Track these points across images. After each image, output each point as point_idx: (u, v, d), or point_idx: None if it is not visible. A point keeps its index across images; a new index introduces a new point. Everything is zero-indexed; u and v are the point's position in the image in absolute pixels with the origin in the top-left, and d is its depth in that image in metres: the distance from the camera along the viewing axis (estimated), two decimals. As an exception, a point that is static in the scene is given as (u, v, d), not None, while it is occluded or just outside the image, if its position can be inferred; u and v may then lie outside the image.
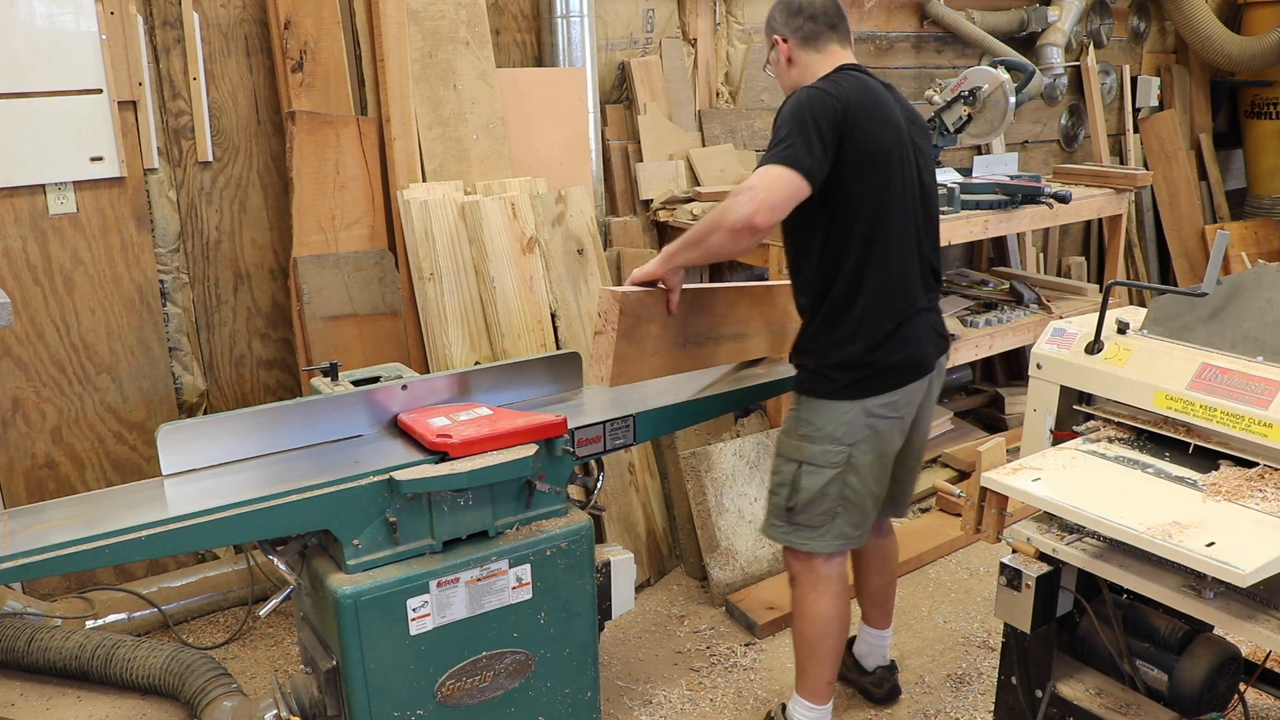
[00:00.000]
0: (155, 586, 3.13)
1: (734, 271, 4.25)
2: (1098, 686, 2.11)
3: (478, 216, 3.15)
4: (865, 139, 2.17)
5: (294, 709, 2.19)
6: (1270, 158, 5.90)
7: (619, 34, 3.89)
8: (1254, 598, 1.75)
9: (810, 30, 2.33)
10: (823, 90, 2.17)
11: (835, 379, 2.28)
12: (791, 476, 2.35)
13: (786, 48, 2.36)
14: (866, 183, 2.20)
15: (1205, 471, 1.91)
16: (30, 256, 2.96)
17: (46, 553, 1.79)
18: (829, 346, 2.29)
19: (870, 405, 2.28)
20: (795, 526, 2.37)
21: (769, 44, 2.40)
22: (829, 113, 2.13)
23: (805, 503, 2.33)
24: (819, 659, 2.43)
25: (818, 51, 2.34)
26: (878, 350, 2.26)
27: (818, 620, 2.41)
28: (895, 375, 2.30)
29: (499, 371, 2.48)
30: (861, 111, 2.17)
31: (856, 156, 2.16)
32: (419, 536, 2.14)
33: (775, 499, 2.41)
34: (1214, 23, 5.44)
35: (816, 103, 2.14)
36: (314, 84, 3.17)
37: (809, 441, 2.32)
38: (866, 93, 2.23)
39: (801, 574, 2.42)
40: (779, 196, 2.08)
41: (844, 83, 2.22)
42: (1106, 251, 4.63)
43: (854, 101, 2.17)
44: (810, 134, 2.10)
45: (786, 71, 2.38)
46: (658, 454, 3.52)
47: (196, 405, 3.34)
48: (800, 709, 2.49)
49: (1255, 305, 2.01)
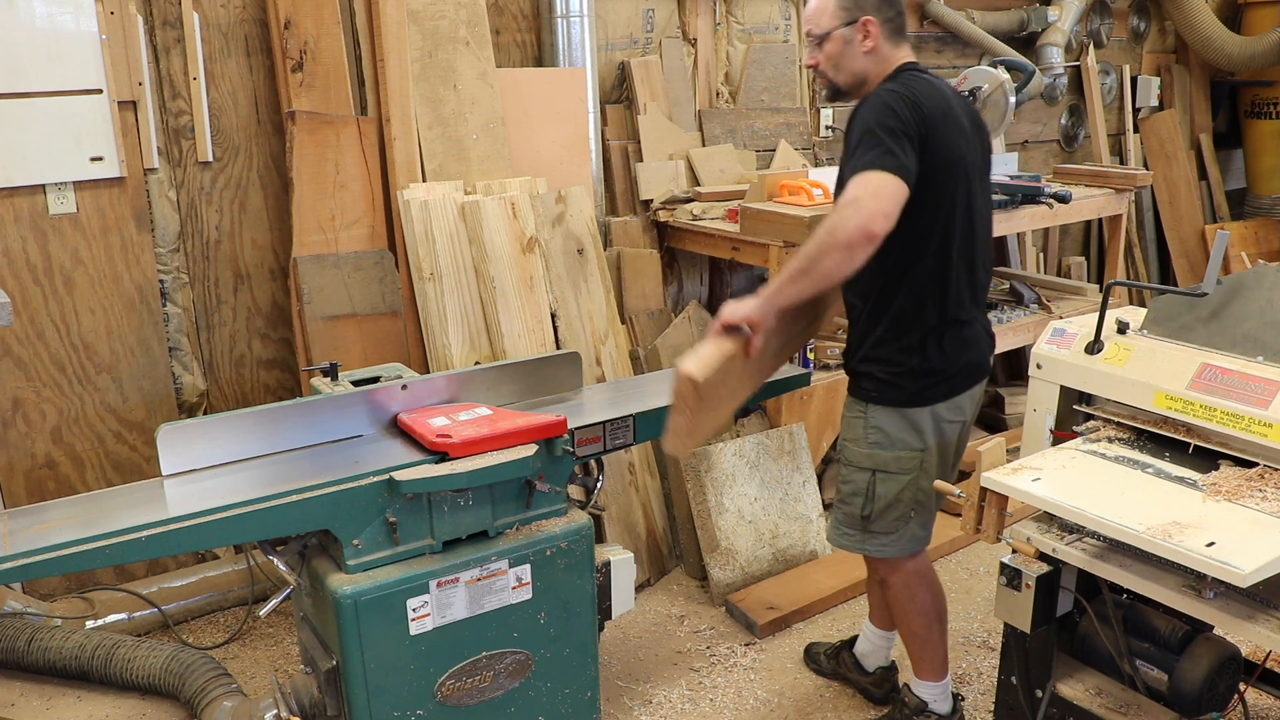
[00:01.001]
0: (155, 586, 3.13)
1: (734, 273, 4.25)
2: (1098, 686, 2.11)
3: (478, 216, 3.15)
4: (942, 145, 2.13)
5: (294, 709, 2.19)
6: (1270, 158, 5.90)
7: (619, 34, 3.89)
8: (1254, 598, 1.75)
9: (898, 24, 2.26)
10: (901, 94, 2.11)
11: (905, 386, 2.28)
12: (866, 485, 2.35)
13: (876, 32, 2.22)
14: (940, 190, 2.16)
15: (1205, 471, 1.91)
16: (30, 256, 2.96)
17: (46, 553, 1.79)
18: (897, 354, 2.27)
19: (939, 410, 2.30)
20: (870, 534, 2.39)
21: (846, 22, 2.22)
22: (912, 118, 2.08)
23: (881, 510, 2.35)
24: (931, 645, 2.51)
25: (895, 47, 2.27)
26: (945, 356, 2.27)
27: (921, 614, 2.48)
28: (962, 379, 2.32)
29: (499, 371, 2.48)
30: (938, 117, 2.13)
31: (933, 163, 2.12)
32: (419, 536, 2.14)
33: (848, 509, 2.40)
34: (1214, 23, 5.44)
35: (899, 106, 2.08)
36: (314, 84, 3.17)
37: (881, 449, 2.32)
38: (939, 97, 2.18)
39: (890, 575, 2.47)
40: (888, 203, 2.00)
41: (917, 85, 2.16)
42: (1106, 251, 4.63)
43: (931, 107, 2.12)
44: (900, 138, 2.05)
45: (859, 58, 2.24)
46: (658, 454, 3.52)
47: (196, 405, 3.34)
48: (925, 690, 2.56)
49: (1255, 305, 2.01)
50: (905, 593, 2.47)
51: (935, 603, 2.50)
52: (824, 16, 2.25)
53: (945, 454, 2.37)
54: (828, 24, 2.25)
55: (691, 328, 3.70)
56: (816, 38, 2.28)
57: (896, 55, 2.27)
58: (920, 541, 2.42)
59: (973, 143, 2.26)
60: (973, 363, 2.34)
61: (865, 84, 2.28)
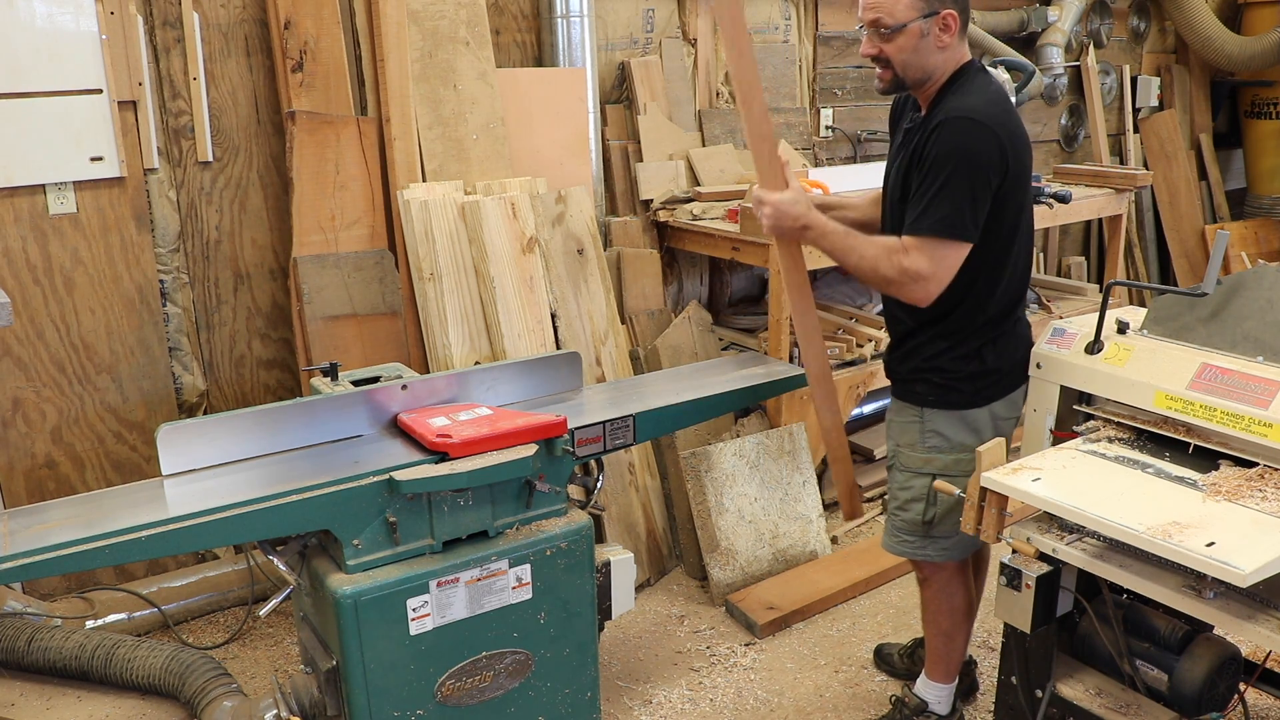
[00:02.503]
0: (155, 586, 3.13)
1: (734, 273, 4.25)
2: (1098, 686, 2.11)
3: (478, 216, 3.15)
4: (1017, 174, 2.10)
5: (294, 709, 2.19)
6: (1270, 158, 5.90)
7: (619, 34, 3.89)
8: (1254, 598, 1.75)
9: (968, 17, 2.18)
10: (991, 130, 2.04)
11: (964, 389, 2.26)
12: (926, 490, 2.32)
13: (956, 26, 2.11)
14: (1005, 211, 2.13)
15: (1205, 471, 1.91)
16: (30, 256, 2.96)
17: (46, 553, 1.79)
18: (954, 362, 2.25)
19: (996, 408, 2.29)
20: (931, 539, 2.37)
21: (925, 14, 2.08)
22: (993, 166, 2.05)
23: (944, 514, 2.33)
24: (954, 647, 2.53)
25: (962, 42, 2.17)
26: (1000, 356, 2.26)
27: (953, 615, 2.49)
28: (1015, 376, 2.31)
29: (499, 371, 2.48)
30: (1015, 143, 2.09)
31: (1009, 192, 2.10)
32: (419, 536, 2.14)
33: (907, 515, 2.38)
34: (1214, 23, 5.44)
35: (986, 154, 2.03)
36: (314, 84, 3.17)
37: (940, 453, 2.30)
38: (1011, 113, 2.13)
39: (933, 576, 2.47)
40: (948, 273, 2.09)
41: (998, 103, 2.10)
42: (1106, 251, 4.63)
43: (1009, 133, 2.07)
44: (980, 190, 2.04)
45: (933, 53, 2.12)
46: (658, 454, 3.52)
47: (196, 405, 3.34)
48: (931, 691, 2.58)
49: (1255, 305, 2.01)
50: (944, 592, 2.47)
51: (967, 605, 2.51)
52: (899, 6, 2.08)
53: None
54: (904, 15, 2.08)
55: (691, 328, 3.70)
56: (887, 29, 2.11)
57: (964, 52, 2.19)
58: (975, 545, 2.41)
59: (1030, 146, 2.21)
60: (1025, 358, 2.32)
61: (931, 81, 2.17)
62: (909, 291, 2.11)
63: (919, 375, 2.31)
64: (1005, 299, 2.23)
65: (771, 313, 3.47)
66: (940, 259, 2.07)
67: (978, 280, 2.17)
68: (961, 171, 2.03)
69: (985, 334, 2.23)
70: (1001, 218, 2.12)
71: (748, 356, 3.02)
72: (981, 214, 2.07)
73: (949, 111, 2.08)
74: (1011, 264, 2.21)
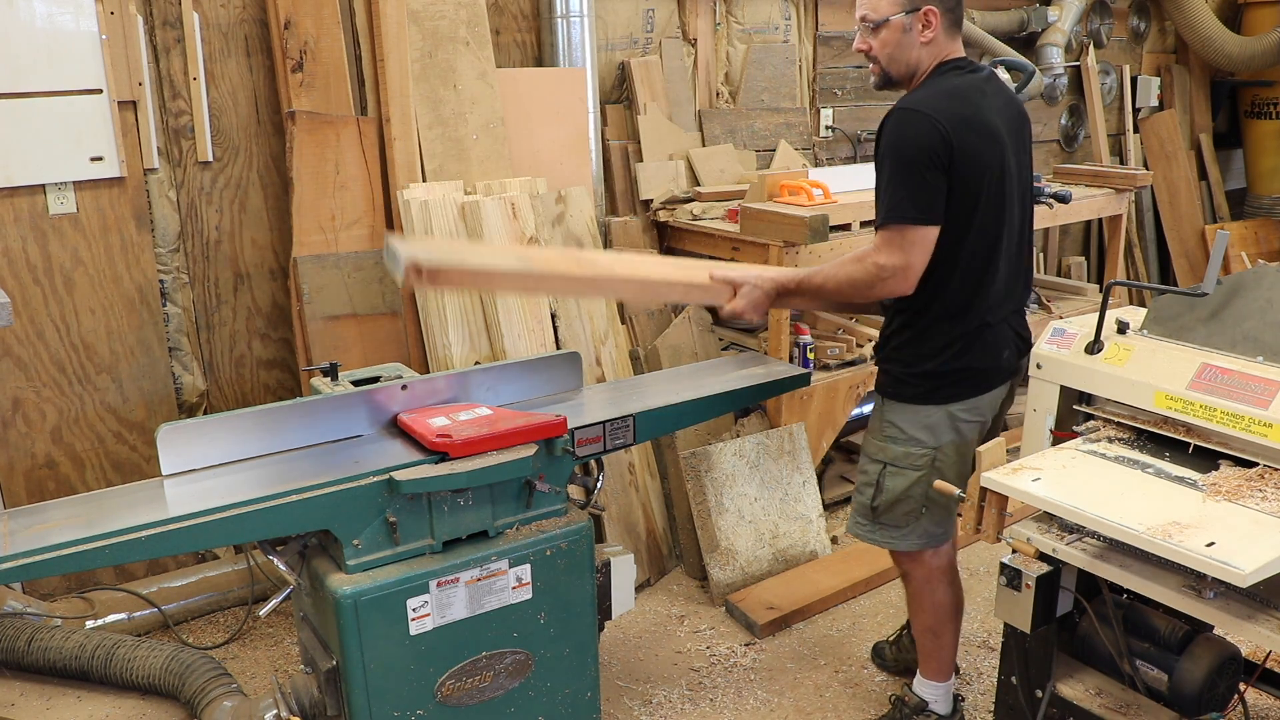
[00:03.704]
0: (155, 586, 3.13)
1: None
2: (1098, 686, 2.11)
3: (478, 216, 3.15)
4: (965, 162, 2.11)
5: (294, 709, 2.19)
6: (1270, 158, 5.90)
7: (619, 34, 3.89)
8: (1254, 598, 1.75)
9: (958, 15, 2.21)
10: (927, 116, 2.08)
11: (918, 385, 2.29)
12: (876, 477, 2.37)
13: (937, 22, 2.16)
14: (964, 204, 2.14)
15: (1205, 471, 1.91)
16: (30, 256, 2.96)
17: (46, 553, 1.79)
18: (915, 357, 2.28)
19: (954, 409, 2.30)
20: (879, 526, 2.41)
21: (907, 10, 2.15)
22: (934, 149, 2.07)
23: (889, 503, 2.36)
24: (941, 644, 2.52)
25: (951, 39, 2.21)
26: (962, 359, 2.26)
27: (937, 610, 2.49)
28: (979, 381, 2.30)
29: (499, 371, 2.48)
30: (963, 131, 2.09)
31: (957, 180, 2.12)
32: (419, 536, 2.14)
33: (860, 498, 2.44)
34: (1214, 23, 5.44)
35: (922, 138, 2.07)
36: (314, 84, 3.17)
37: (893, 443, 2.34)
38: (968, 103, 2.14)
39: (913, 570, 2.48)
40: (920, 259, 2.12)
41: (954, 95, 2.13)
42: (1106, 251, 4.63)
43: (955, 123, 2.09)
44: (928, 173, 2.08)
45: (915, 48, 2.18)
46: (658, 454, 3.52)
47: (196, 405, 3.34)
48: (927, 690, 2.58)
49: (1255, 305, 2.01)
50: (925, 587, 2.48)
51: (953, 602, 2.50)
52: (883, 1, 2.17)
53: (964, 453, 2.33)
54: (886, 9, 2.17)
55: (691, 328, 3.70)
56: (873, 24, 2.19)
57: (951, 48, 2.22)
58: (936, 538, 2.41)
59: (1003, 143, 2.19)
60: (994, 366, 2.31)
61: (916, 75, 2.23)
62: (890, 286, 2.14)
63: (884, 363, 2.37)
64: (982, 305, 2.23)
65: (771, 313, 3.47)
66: (908, 245, 2.10)
67: (947, 282, 2.20)
68: (903, 159, 2.09)
69: (948, 333, 2.24)
70: (960, 214, 2.14)
71: (748, 356, 3.01)
72: (936, 195, 2.09)
73: (900, 103, 2.15)
74: (966, 256, 2.19)
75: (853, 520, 2.49)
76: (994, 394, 2.35)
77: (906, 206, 2.09)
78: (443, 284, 1.90)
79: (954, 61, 2.21)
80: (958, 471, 2.34)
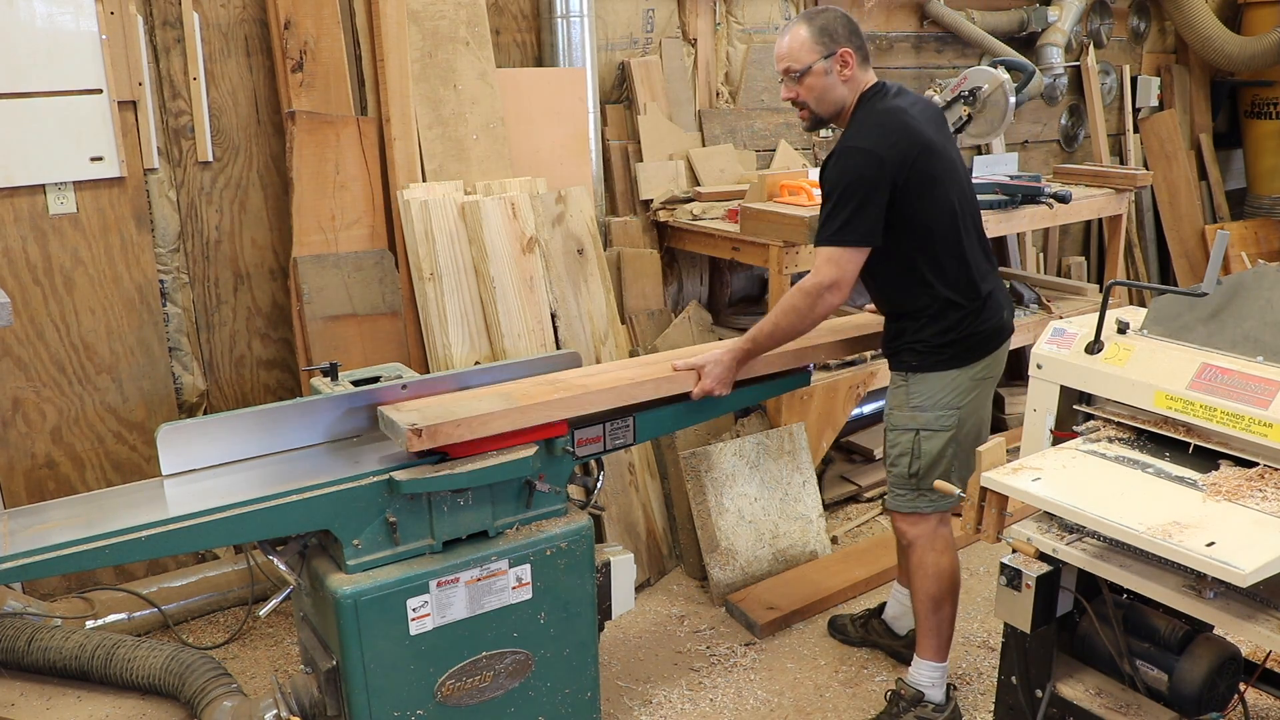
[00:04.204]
0: (155, 586, 3.13)
1: (734, 273, 4.25)
2: (1098, 686, 2.11)
3: (478, 216, 3.15)
4: (913, 172, 2.32)
5: (294, 709, 2.19)
6: (1270, 158, 5.90)
7: (619, 34, 3.89)
8: (1254, 598, 1.75)
9: (865, 50, 2.44)
10: (866, 151, 2.31)
11: (942, 353, 2.49)
12: (911, 444, 2.52)
13: (853, 61, 2.40)
14: (913, 206, 2.36)
15: (1205, 471, 1.91)
16: (30, 256, 2.96)
17: (46, 553, 1.79)
18: (935, 335, 2.48)
19: (973, 371, 2.51)
20: (920, 491, 2.54)
21: (824, 55, 2.38)
22: (877, 178, 2.29)
23: (928, 466, 2.52)
24: (942, 617, 2.60)
25: (865, 71, 2.45)
26: (976, 325, 2.49)
27: (942, 576, 2.57)
28: (990, 340, 2.53)
29: (499, 371, 2.48)
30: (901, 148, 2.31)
31: (910, 191, 2.33)
32: (419, 536, 2.14)
33: (897, 470, 2.57)
34: (1214, 23, 5.44)
35: (865, 169, 2.30)
36: (314, 84, 3.17)
37: (922, 411, 2.51)
38: (894, 120, 2.36)
39: (920, 537, 2.58)
40: (851, 275, 2.35)
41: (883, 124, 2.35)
42: (1106, 251, 4.63)
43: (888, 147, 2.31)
44: (865, 200, 2.29)
45: (838, 87, 2.41)
46: (658, 454, 3.52)
47: (196, 405, 3.34)
48: (925, 671, 2.64)
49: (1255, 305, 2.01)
50: (931, 553, 2.57)
51: (955, 571, 2.60)
52: (802, 52, 2.39)
53: (980, 414, 2.57)
54: (806, 58, 2.39)
55: (691, 328, 3.70)
56: (796, 73, 2.41)
57: (866, 78, 2.45)
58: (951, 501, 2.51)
59: (941, 147, 2.42)
60: (998, 324, 2.55)
61: (844, 111, 2.46)
62: (824, 303, 2.36)
63: (905, 346, 2.54)
64: (958, 278, 2.45)
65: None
66: (841, 264, 2.33)
67: (917, 267, 2.42)
68: (844, 191, 2.31)
69: (957, 308, 2.46)
70: (911, 212, 2.36)
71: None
72: (873, 220, 2.32)
73: (843, 142, 2.38)
74: (948, 248, 2.43)
75: (892, 495, 2.61)
76: (1001, 350, 2.58)
77: (840, 231, 2.32)
78: (442, 440, 2.10)
79: (871, 89, 2.44)
80: (977, 431, 2.57)
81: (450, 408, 2.15)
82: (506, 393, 2.27)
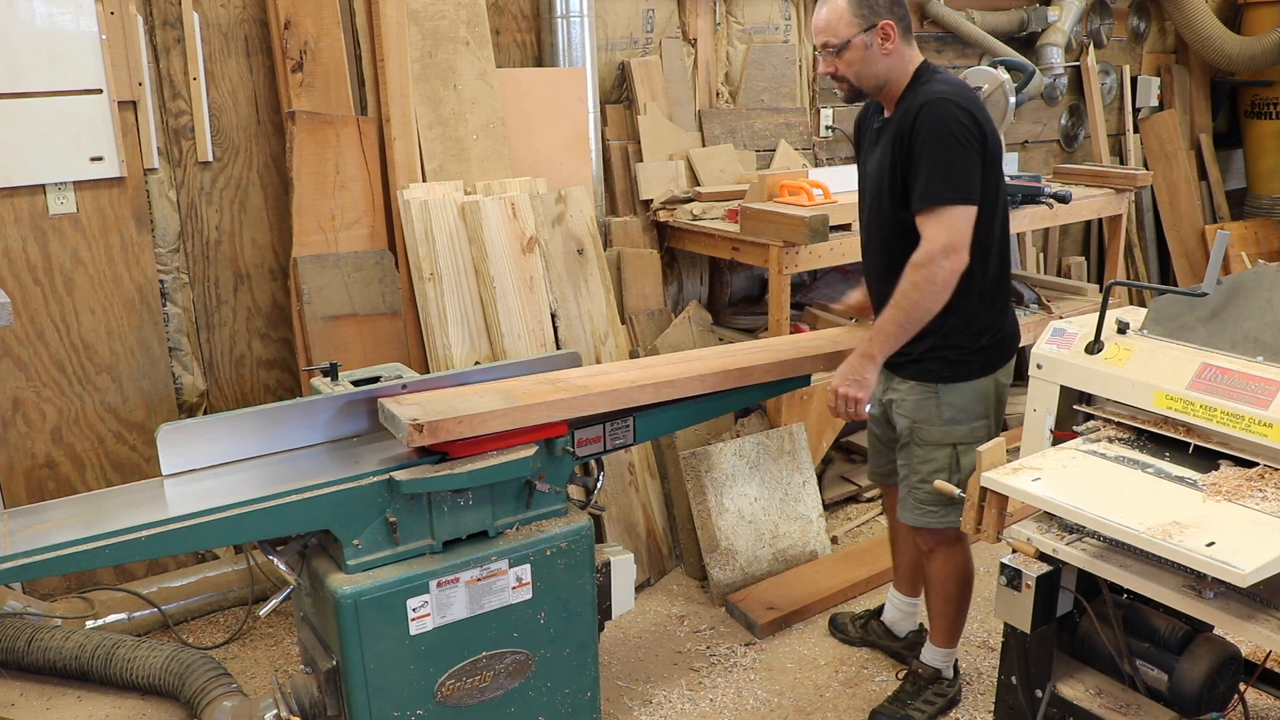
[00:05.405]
0: (155, 586, 3.13)
1: (734, 273, 4.25)
2: (1098, 686, 2.11)
3: (478, 216, 3.15)
4: (992, 148, 2.27)
5: (294, 709, 2.19)
6: (1270, 158, 5.90)
7: (619, 34, 3.89)
8: (1254, 598, 1.75)
9: (908, 22, 2.32)
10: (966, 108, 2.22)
11: (974, 360, 2.42)
12: (948, 460, 2.45)
13: (895, 34, 2.27)
14: (993, 195, 2.30)
15: (1205, 471, 1.91)
16: (30, 256, 2.96)
17: (46, 553, 1.79)
18: (969, 339, 2.40)
19: (999, 376, 2.47)
20: (954, 507, 2.44)
21: (864, 29, 2.26)
22: (973, 132, 2.21)
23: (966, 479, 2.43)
24: (960, 611, 2.66)
25: (909, 46, 2.33)
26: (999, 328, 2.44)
27: (959, 581, 2.61)
28: (1012, 343, 2.51)
29: (499, 371, 2.48)
30: (989, 125, 2.26)
31: (989, 161, 2.26)
32: (419, 536, 2.14)
33: (928, 487, 2.46)
34: (1214, 23, 5.44)
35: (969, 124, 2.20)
36: (314, 84, 3.17)
37: (955, 425, 2.44)
38: (979, 101, 2.30)
39: (939, 547, 2.58)
40: (964, 235, 2.22)
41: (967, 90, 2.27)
42: (1106, 251, 4.63)
43: (984, 115, 2.25)
44: (972, 157, 2.21)
45: (880, 61, 2.29)
46: (658, 454, 3.52)
47: (196, 405, 3.34)
48: (939, 657, 2.73)
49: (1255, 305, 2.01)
50: (952, 559, 2.59)
51: (971, 570, 2.65)
52: (840, 25, 2.28)
53: (1000, 413, 2.52)
54: (845, 32, 2.28)
55: (691, 328, 3.70)
56: (835, 48, 2.30)
57: (914, 54, 2.34)
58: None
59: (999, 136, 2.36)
60: (1016, 326, 2.52)
61: (887, 85, 2.34)
62: (946, 271, 2.21)
63: (934, 353, 2.41)
64: (994, 271, 2.39)
65: (771, 313, 3.47)
66: (957, 224, 2.21)
67: (982, 268, 2.34)
68: (951, 143, 2.19)
69: (987, 307, 2.39)
70: (990, 206, 2.30)
71: (748, 356, 3.01)
72: (977, 180, 2.22)
73: (925, 96, 2.24)
74: (996, 237, 2.36)
75: (919, 512, 2.51)
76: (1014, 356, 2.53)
77: (954, 187, 2.19)
78: (443, 436, 2.08)
79: (929, 65, 2.35)
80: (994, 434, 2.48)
81: (452, 404, 2.15)
82: (507, 390, 2.26)
